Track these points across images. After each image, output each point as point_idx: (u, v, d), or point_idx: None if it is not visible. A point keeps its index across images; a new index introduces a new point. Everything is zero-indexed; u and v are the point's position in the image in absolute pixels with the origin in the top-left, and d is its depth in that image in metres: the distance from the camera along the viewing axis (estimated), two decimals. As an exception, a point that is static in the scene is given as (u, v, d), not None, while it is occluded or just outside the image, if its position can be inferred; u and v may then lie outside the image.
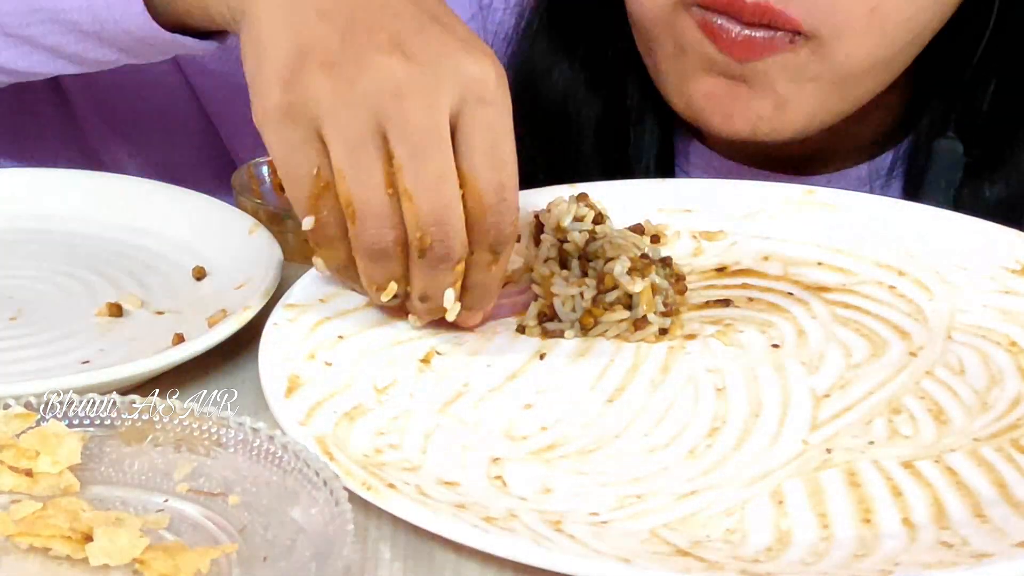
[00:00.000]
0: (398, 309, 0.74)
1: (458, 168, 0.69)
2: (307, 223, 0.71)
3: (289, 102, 0.68)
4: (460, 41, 0.70)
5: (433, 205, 0.68)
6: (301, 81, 0.68)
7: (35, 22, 0.82)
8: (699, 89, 0.87)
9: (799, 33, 0.83)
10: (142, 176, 0.92)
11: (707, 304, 0.79)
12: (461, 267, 0.71)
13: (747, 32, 0.84)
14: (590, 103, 0.97)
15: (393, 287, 0.71)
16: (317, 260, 0.73)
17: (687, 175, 1.00)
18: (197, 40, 0.81)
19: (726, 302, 0.79)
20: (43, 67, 0.85)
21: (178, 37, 0.80)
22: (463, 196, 0.69)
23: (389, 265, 0.71)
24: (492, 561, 0.60)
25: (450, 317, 0.73)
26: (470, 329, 0.75)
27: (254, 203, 0.87)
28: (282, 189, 0.91)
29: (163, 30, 0.80)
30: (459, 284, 0.72)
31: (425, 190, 0.68)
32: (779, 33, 0.84)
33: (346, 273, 0.73)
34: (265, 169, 0.92)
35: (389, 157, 0.68)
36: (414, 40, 0.69)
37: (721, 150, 0.99)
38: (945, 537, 0.61)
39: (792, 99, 0.87)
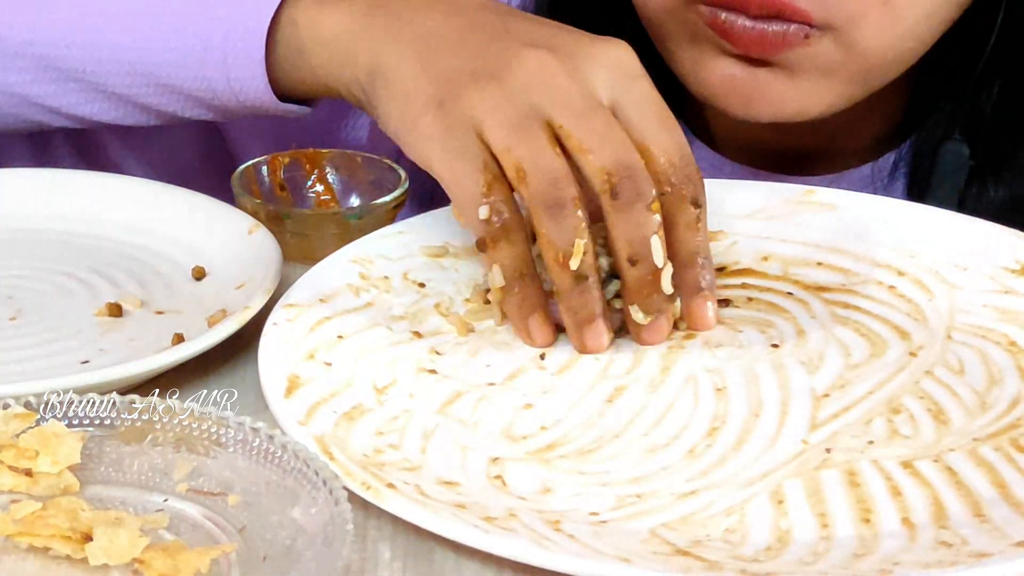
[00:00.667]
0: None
1: (631, 141, 0.70)
2: (482, 211, 0.71)
3: (444, 117, 0.71)
4: (590, 37, 0.73)
5: (609, 150, 0.69)
6: (452, 99, 0.71)
7: (138, 84, 0.84)
8: (717, 71, 0.86)
9: (812, 26, 0.82)
10: (142, 175, 0.92)
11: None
12: (659, 214, 0.70)
13: (760, 26, 0.82)
14: None
15: (580, 245, 0.70)
16: (493, 273, 0.73)
17: None
18: (297, 105, 0.84)
19: (726, 302, 0.79)
20: (133, 119, 0.87)
21: (284, 106, 0.83)
22: (647, 164, 0.70)
23: (570, 218, 0.70)
24: (492, 561, 0.60)
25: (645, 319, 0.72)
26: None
27: (254, 203, 0.87)
28: (283, 189, 0.92)
29: (281, 103, 0.82)
30: (663, 237, 0.71)
31: (598, 140, 0.69)
32: (792, 26, 0.82)
33: (522, 279, 0.72)
34: (265, 169, 0.92)
35: (553, 134, 0.70)
36: (551, 40, 0.72)
37: (724, 151, 0.99)
38: (945, 537, 0.61)
39: (815, 84, 0.85)
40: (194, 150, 1.07)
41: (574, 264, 0.71)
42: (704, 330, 0.75)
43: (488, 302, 0.77)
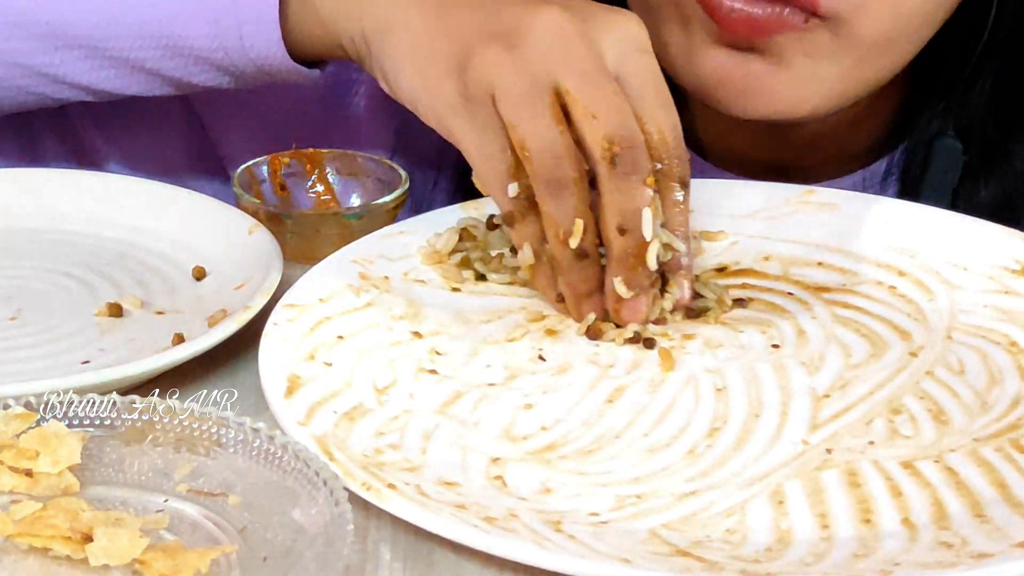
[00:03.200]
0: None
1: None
2: (512, 189, 0.72)
3: (465, 86, 0.71)
4: (604, 5, 0.74)
5: (614, 120, 0.70)
6: (471, 64, 0.71)
7: (147, 47, 0.83)
8: (708, 64, 0.85)
9: (817, 16, 0.81)
10: (127, 173, 0.92)
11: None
12: (652, 189, 0.71)
13: (746, 9, 0.81)
14: None
15: (580, 225, 0.71)
16: (523, 252, 0.74)
17: None
18: (309, 69, 0.83)
19: (741, 301, 0.79)
20: (137, 88, 0.86)
21: (297, 67, 0.82)
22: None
23: (570, 198, 0.71)
24: (492, 561, 0.60)
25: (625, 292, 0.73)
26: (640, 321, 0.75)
27: (254, 203, 0.87)
28: (283, 189, 0.92)
29: (292, 61, 0.82)
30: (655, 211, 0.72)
31: (604, 108, 0.70)
32: (788, 10, 0.81)
33: (545, 254, 0.74)
34: (265, 169, 0.92)
35: (561, 104, 0.70)
36: (567, 2, 0.73)
37: (713, 160, 0.98)
38: (945, 537, 0.61)
39: (808, 75, 0.84)
40: (181, 147, 1.06)
41: (573, 243, 0.72)
42: (678, 307, 0.76)
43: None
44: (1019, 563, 0.58)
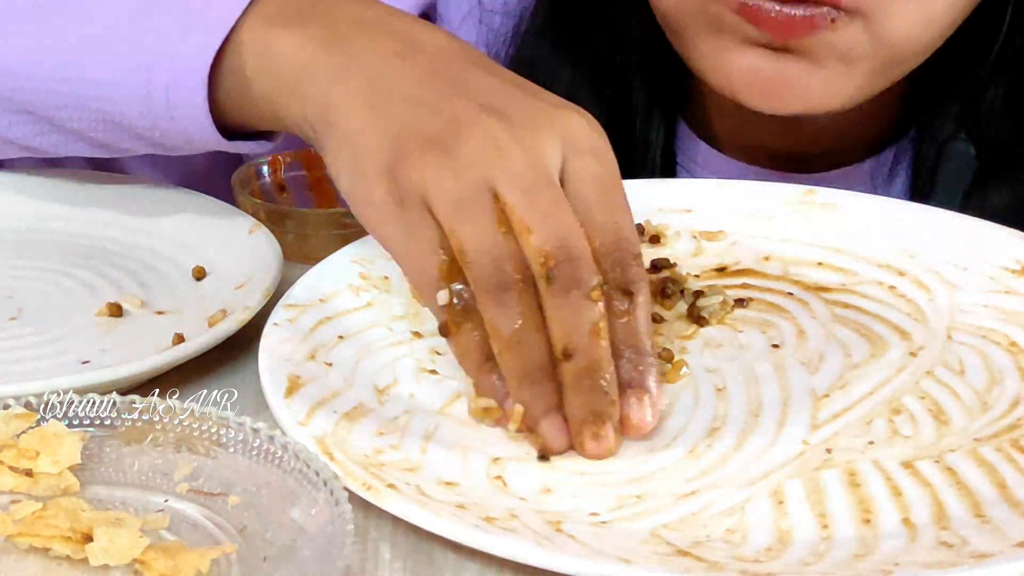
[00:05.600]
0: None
1: None
2: (441, 297, 0.66)
3: (396, 189, 0.66)
4: (551, 103, 0.69)
5: (552, 229, 0.64)
6: (404, 166, 0.66)
7: (87, 119, 0.79)
8: (740, 63, 0.84)
9: (840, 9, 0.81)
10: (148, 175, 0.92)
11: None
12: (601, 304, 0.65)
13: (786, 11, 0.81)
14: (595, 103, 0.97)
15: (519, 413, 0.66)
16: (474, 401, 0.68)
17: (691, 175, 1.00)
18: (255, 142, 0.79)
19: (741, 302, 0.79)
20: (89, 152, 0.82)
21: (239, 144, 0.78)
22: None
23: (515, 303, 0.65)
24: (492, 561, 0.60)
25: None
26: (643, 436, 0.67)
27: (254, 203, 0.87)
28: (283, 189, 0.92)
29: (227, 142, 0.77)
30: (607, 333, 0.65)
31: (542, 218, 0.64)
32: (820, 10, 0.81)
33: (485, 366, 0.67)
34: (265, 168, 0.92)
35: (500, 210, 0.65)
36: (508, 105, 0.68)
37: (727, 150, 0.99)
38: (945, 537, 0.61)
39: (839, 74, 0.84)
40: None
41: (512, 427, 0.66)
42: (633, 435, 0.67)
43: None
44: (1019, 563, 0.58)
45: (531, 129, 0.66)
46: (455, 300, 0.66)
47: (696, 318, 0.77)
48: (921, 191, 0.95)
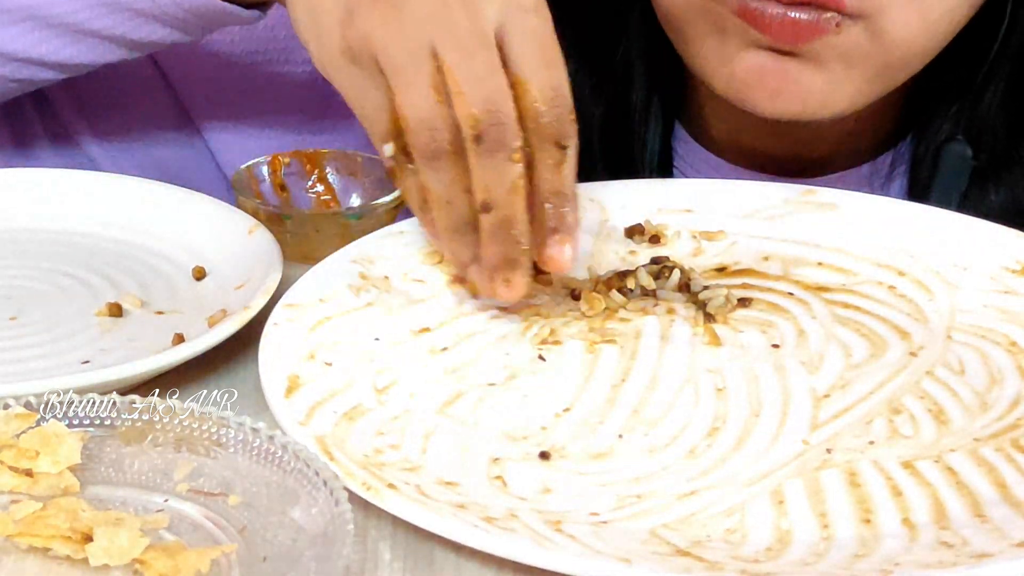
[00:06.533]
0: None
1: (509, 74, 0.70)
2: (387, 149, 0.73)
3: (348, 43, 0.71)
4: None
5: (481, 94, 0.69)
6: (355, 21, 0.71)
7: (82, 8, 0.83)
8: (744, 65, 0.85)
9: (844, 14, 0.81)
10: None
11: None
12: (521, 164, 0.70)
13: (790, 14, 0.81)
14: (595, 103, 0.97)
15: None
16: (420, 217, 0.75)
17: (685, 177, 1.00)
18: (244, 9, 0.83)
19: (745, 301, 0.79)
20: (90, 54, 0.86)
21: (229, 6, 0.82)
22: (517, 99, 0.70)
23: (446, 170, 0.71)
24: (492, 561, 0.60)
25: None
26: (553, 274, 0.75)
27: (254, 203, 0.87)
28: (283, 189, 0.92)
29: (220, 2, 0.82)
30: (526, 192, 0.71)
31: (473, 83, 0.69)
32: (825, 15, 0.81)
33: (424, 208, 0.74)
34: (265, 169, 0.92)
35: (438, 70, 0.69)
36: None
37: (723, 154, 0.99)
38: (945, 537, 0.61)
39: (842, 78, 0.84)
40: (178, 152, 1.06)
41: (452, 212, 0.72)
42: (555, 271, 0.75)
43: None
44: (1019, 563, 0.58)
45: None
46: (399, 154, 0.72)
47: (705, 315, 0.77)
48: (919, 193, 0.95)
